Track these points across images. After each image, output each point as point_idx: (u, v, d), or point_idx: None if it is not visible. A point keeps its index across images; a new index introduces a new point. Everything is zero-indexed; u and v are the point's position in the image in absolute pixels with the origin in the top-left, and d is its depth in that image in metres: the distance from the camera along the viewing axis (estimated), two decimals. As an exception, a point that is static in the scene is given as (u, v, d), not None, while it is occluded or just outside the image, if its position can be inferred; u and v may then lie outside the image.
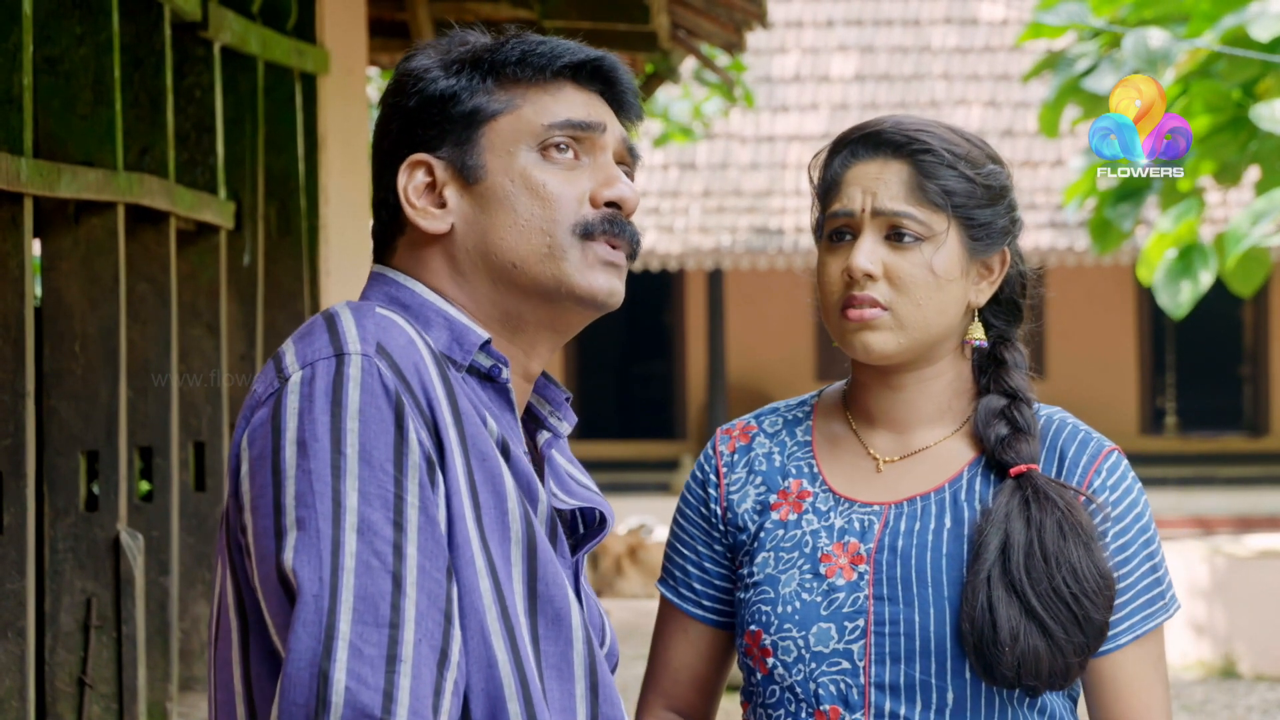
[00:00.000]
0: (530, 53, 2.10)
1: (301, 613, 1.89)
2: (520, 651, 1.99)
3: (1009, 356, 2.45)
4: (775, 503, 2.45)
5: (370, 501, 1.92)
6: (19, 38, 4.14)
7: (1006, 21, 19.26)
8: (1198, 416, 20.17)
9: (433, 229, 2.09)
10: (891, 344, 2.37)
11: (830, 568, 2.38)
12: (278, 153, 5.93)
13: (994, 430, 2.40)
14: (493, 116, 2.09)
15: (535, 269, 2.08)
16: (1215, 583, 12.05)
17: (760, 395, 19.28)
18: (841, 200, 2.39)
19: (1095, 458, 2.41)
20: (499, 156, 2.09)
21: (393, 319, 2.02)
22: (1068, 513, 2.34)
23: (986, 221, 2.40)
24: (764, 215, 18.11)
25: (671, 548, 2.52)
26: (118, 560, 4.60)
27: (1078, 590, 2.31)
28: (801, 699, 2.36)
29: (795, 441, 2.48)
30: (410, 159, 2.10)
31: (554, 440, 2.19)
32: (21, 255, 4.18)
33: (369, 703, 1.87)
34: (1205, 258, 9.14)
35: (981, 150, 2.41)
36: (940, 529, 2.37)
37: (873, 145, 2.39)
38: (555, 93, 2.11)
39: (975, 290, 2.42)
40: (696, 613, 2.49)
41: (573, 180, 2.10)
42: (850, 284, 2.36)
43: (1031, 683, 2.31)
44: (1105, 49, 9.88)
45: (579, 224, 2.08)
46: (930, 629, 2.33)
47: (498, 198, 2.08)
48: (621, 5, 7.60)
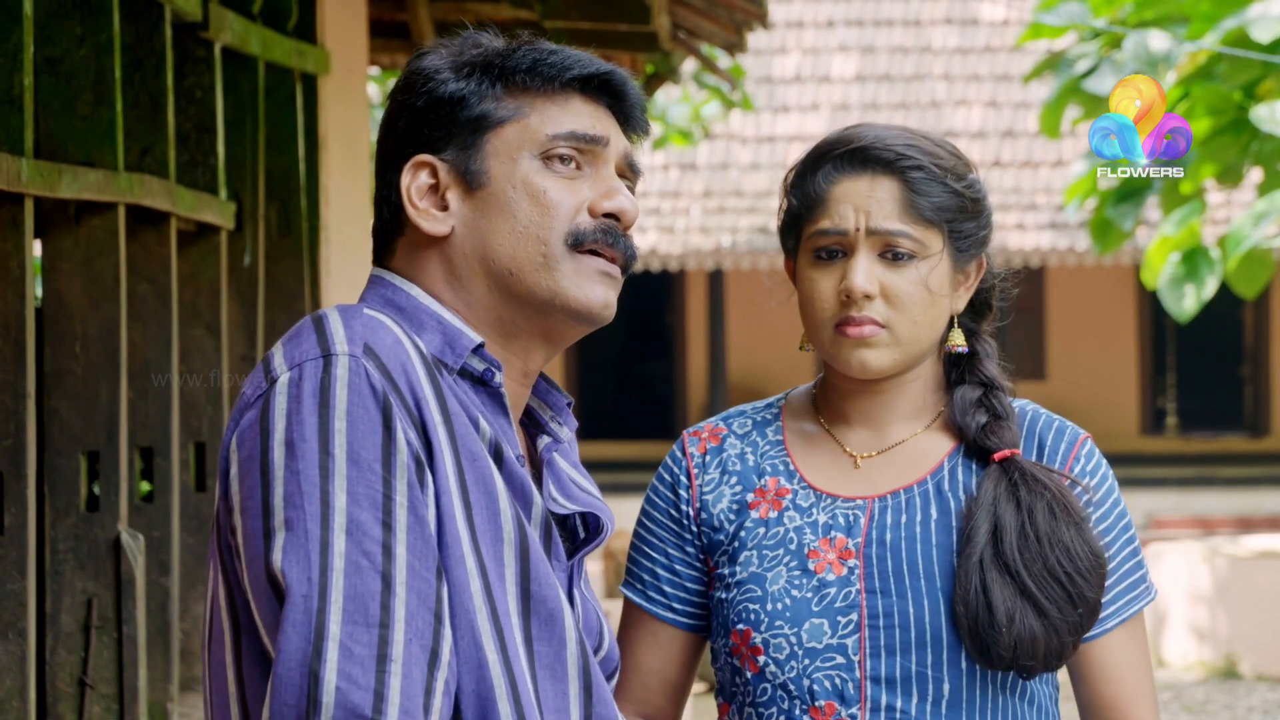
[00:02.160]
0: (541, 62, 2.11)
1: (291, 613, 1.89)
2: (510, 652, 1.99)
3: (979, 348, 2.48)
4: (753, 501, 2.44)
5: (359, 502, 1.92)
6: (19, 38, 4.13)
7: (1007, 22, 19.25)
8: (1198, 417, 20.16)
9: (433, 231, 2.09)
10: (887, 360, 2.38)
11: (819, 563, 2.38)
12: (278, 153, 5.93)
13: (973, 419, 2.41)
14: (499, 123, 2.10)
15: (530, 278, 2.08)
16: (1216, 583, 12.05)
17: (760, 396, 19.20)
18: (831, 218, 2.39)
19: (1073, 445, 2.44)
20: (503, 163, 2.09)
21: (381, 320, 2.02)
22: (1058, 494, 2.36)
23: (970, 233, 2.41)
24: (765, 216, 18.11)
25: (638, 550, 2.51)
26: (118, 561, 4.60)
27: (1071, 569, 2.33)
28: (795, 696, 2.36)
29: (767, 441, 2.48)
30: (414, 159, 2.11)
31: (554, 445, 2.19)
32: (22, 256, 4.17)
33: (359, 702, 1.87)
34: (1210, 262, 9.13)
35: (960, 160, 2.42)
36: (927, 520, 2.38)
37: (859, 161, 2.38)
38: (563, 103, 2.12)
39: (955, 298, 2.44)
40: (667, 616, 2.48)
41: (573, 189, 2.10)
42: (847, 303, 2.36)
43: (1028, 663, 2.32)
44: (1106, 50, 9.88)
45: (571, 232, 2.09)
46: (925, 620, 2.34)
47: (499, 203, 2.09)
48: (622, 6, 7.59)
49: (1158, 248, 9.30)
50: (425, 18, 7.71)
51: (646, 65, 9.03)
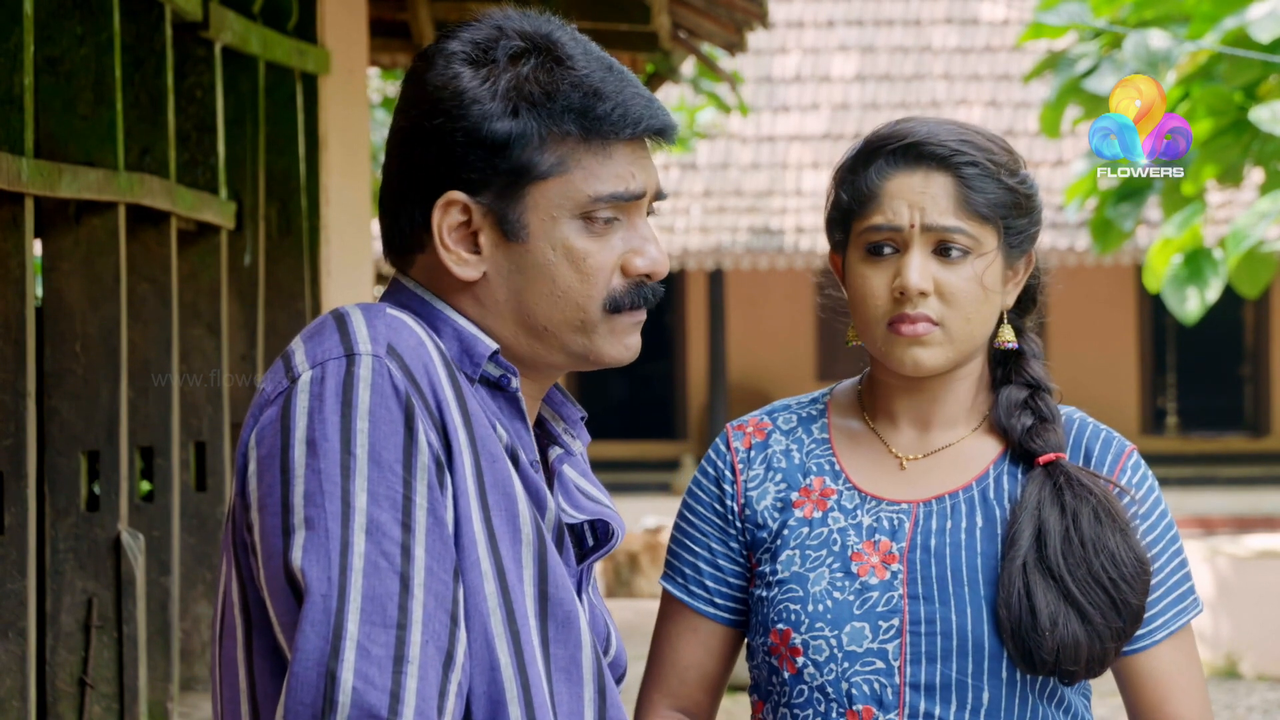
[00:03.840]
0: (590, 112, 2.05)
1: (310, 613, 1.89)
2: (526, 655, 1.99)
3: (1026, 347, 2.45)
4: (797, 500, 2.42)
5: (379, 502, 1.92)
6: (20, 38, 4.14)
7: (1007, 22, 19.26)
8: (1198, 416, 20.17)
9: (465, 276, 2.05)
10: (941, 358, 2.35)
11: (862, 566, 2.36)
12: (278, 153, 5.93)
13: (1019, 421, 2.39)
14: (542, 178, 2.04)
15: (566, 336, 2.07)
16: (1217, 583, 12.05)
17: (761, 395, 19.28)
18: (884, 213, 2.35)
19: (1120, 456, 2.42)
20: (542, 220, 2.05)
21: (404, 320, 2.01)
22: (1103, 499, 2.34)
23: (1022, 229, 2.39)
24: (765, 215, 18.11)
25: (679, 544, 2.49)
26: (118, 560, 4.60)
27: (1116, 575, 2.31)
28: (833, 699, 2.35)
29: (813, 439, 2.46)
30: (448, 197, 2.05)
31: (565, 457, 2.18)
32: (22, 255, 4.18)
33: (376, 703, 1.87)
34: (1214, 264, 9.13)
35: (1013, 156, 2.40)
36: (973, 527, 2.36)
37: (913, 157, 2.35)
38: (606, 157, 2.06)
39: (1005, 294, 2.42)
40: (708, 610, 2.46)
41: (609, 246, 2.06)
42: (900, 300, 2.34)
43: (1071, 668, 2.30)
44: (1106, 49, 9.88)
45: (609, 299, 2.06)
46: (967, 628, 2.32)
47: (537, 264, 2.05)
48: (622, 5, 7.60)
49: (1160, 250, 9.30)
50: (426, 17, 7.72)
51: (646, 65, 9.03)
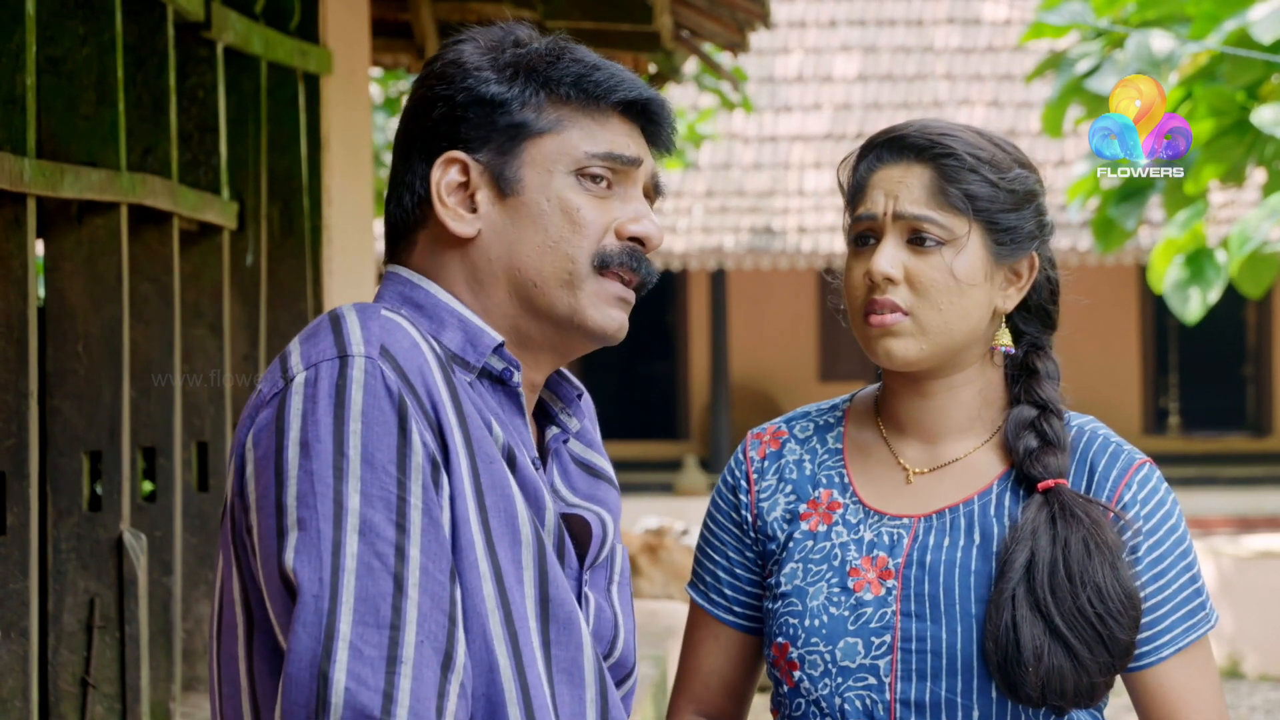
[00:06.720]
0: (586, 78, 2.11)
1: (301, 613, 1.89)
2: (525, 656, 1.98)
3: (1041, 366, 2.44)
4: (805, 512, 2.44)
5: (372, 503, 1.92)
6: (22, 38, 4.14)
7: (1009, 22, 19.26)
8: (1200, 417, 20.16)
9: (460, 232, 2.09)
10: (913, 350, 2.35)
11: (858, 582, 2.37)
12: (281, 153, 5.93)
13: (1023, 442, 2.38)
14: (538, 134, 2.09)
15: (553, 293, 2.09)
16: (1220, 583, 12.05)
17: (762, 396, 19.28)
18: (865, 204, 2.38)
19: (1125, 471, 2.40)
20: (538, 174, 2.09)
21: (398, 321, 2.02)
22: (1093, 530, 2.32)
23: (1012, 226, 2.38)
24: (767, 216, 18.11)
25: (702, 552, 2.51)
26: (121, 560, 4.60)
27: (1102, 610, 2.29)
28: (827, 713, 2.36)
29: (826, 449, 2.47)
30: (447, 155, 2.10)
31: (563, 436, 2.19)
32: (25, 255, 4.18)
33: (368, 703, 1.87)
34: (1216, 265, 9.13)
35: (1009, 154, 2.40)
36: (969, 545, 2.36)
37: (897, 149, 2.38)
38: (602, 121, 2.11)
39: (1002, 296, 2.41)
40: (727, 618, 2.48)
41: (603, 209, 2.10)
42: (872, 288, 2.35)
43: (1057, 702, 2.30)
44: (1108, 50, 9.88)
45: (598, 254, 2.09)
46: (957, 647, 2.32)
47: (531, 214, 2.09)
48: (624, 5, 7.59)
49: (1162, 251, 9.30)
50: (427, 18, 7.72)
51: (648, 65, 9.03)
